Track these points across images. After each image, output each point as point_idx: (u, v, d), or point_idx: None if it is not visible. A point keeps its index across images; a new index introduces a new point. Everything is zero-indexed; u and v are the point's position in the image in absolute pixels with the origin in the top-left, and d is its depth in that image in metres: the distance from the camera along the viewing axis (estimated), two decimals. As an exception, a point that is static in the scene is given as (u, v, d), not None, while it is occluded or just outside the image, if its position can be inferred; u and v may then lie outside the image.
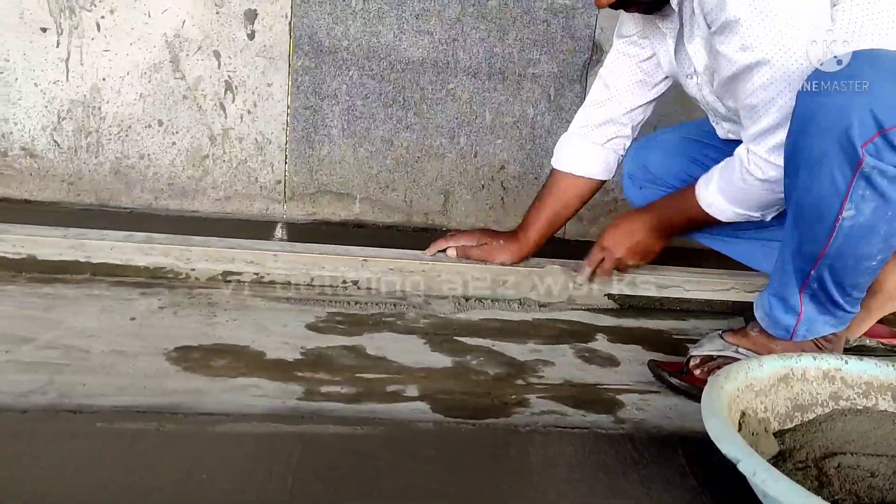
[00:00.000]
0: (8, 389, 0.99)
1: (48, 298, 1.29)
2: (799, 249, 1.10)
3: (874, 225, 1.01)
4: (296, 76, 1.80)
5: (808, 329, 1.15)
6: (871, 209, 0.99)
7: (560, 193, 1.53)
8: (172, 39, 1.72)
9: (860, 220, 1.01)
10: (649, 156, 1.43)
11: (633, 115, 1.48)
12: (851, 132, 0.96)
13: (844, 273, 1.08)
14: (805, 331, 1.15)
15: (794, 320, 1.15)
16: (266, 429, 0.95)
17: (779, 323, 1.17)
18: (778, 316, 1.16)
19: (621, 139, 1.50)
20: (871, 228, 1.01)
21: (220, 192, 1.85)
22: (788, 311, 1.15)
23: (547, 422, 1.06)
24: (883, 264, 1.07)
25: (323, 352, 1.21)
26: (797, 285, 1.13)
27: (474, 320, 1.42)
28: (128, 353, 1.13)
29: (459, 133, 1.90)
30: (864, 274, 1.08)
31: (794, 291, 1.13)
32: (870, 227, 1.01)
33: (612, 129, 1.49)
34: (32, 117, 1.73)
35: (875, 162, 0.96)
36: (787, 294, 1.15)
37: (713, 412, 0.81)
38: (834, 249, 1.05)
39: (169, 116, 1.77)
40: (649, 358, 1.29)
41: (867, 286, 1.12)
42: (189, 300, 1.35)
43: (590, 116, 1.50)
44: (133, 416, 0.94)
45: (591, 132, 1.50)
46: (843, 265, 1.07)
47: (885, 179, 0.97)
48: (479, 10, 1.81)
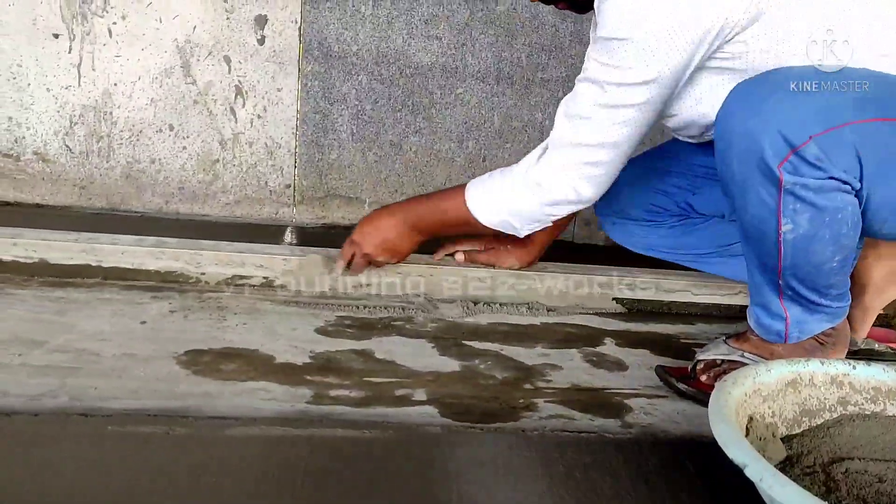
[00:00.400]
0: (20, 392, 1.00)
1: (60, 302, 1.30)
2: (760, 264, 1.12)
3: (816, 233, 1.03)
4: (305, 81, 1.81)
5: (801, 329, 1.15)
6: (806, 220, 1.02)
7: None
8: (183, 45, 1.73)
9: (800, 232, 1.03)
10: (617, 191, 1.44)
11: None
12: (766, 156, 0.99)
13: (810, 278, 1.09)
14: (798, 332, 1.16)
15: (782, 325, 1.16)
16: (275, 432, 0.96)
17: (769, 329, 1.17)
18: (766, 323, 1.17)
19: None
20: (815, 237, 1.03)
21: (231, 197, 1.86)
22: (775, 318, 1.16)
23: (555, 426, 1.06)
24: (846, 263, 1.08)
25: (332, 355, 1.22)
26: (774, 294, 1.14)
27: (482, 324, 1.42)
28: (139, 357, 1.14)
29: (468, 138, 1.91)
30: (830, 275, 1.09)
31: (773, 299, 1.14)
32: (812, 235, 1.03)
33: None
34: (45, 122, 1.75)
35: (795, 178, 0.99)
36: (767, 303, 1.15)
37: (721, 417, 0.81)
38: (788, 261, 1.07)
39: (180, 121, 1.78)
40: (657, 362, 1.29)
41: (844, 283, 1.13)
42: (199, 304, 1.36)
43: None
44: (144, 420, 0.95)
45: None
46: (805, 272, 1.08)
47: (810, 191, 0.99)
48: (487, 15, 1.81)
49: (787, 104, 0.99)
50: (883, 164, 0.99)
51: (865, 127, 0.98)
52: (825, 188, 0.99)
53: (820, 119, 0.97)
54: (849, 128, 0.97)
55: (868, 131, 0.98)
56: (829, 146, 0.97)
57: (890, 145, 0.99)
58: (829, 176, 0.99)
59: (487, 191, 1.31)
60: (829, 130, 0.97)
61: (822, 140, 0.97)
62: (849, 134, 0.97)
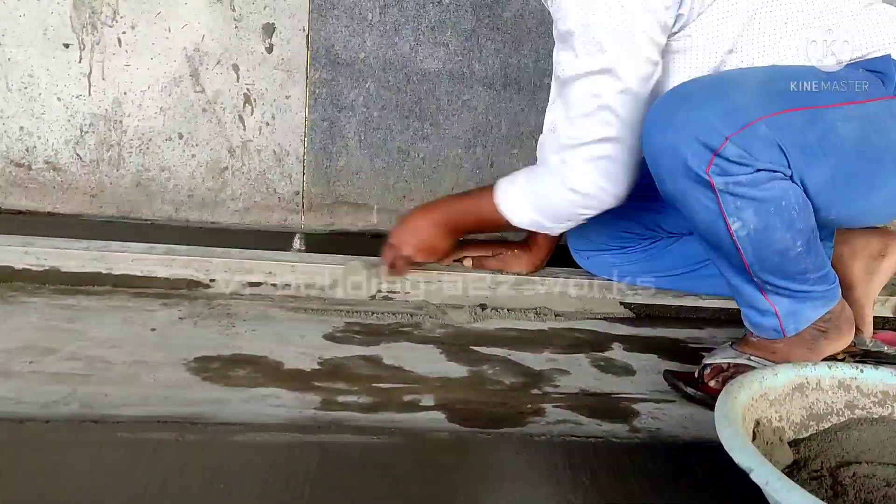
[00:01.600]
0: (32, 399, 1.01)
1: (71, 310, 1.32)
2: (730, 266, 1.14)
3: (766, 223, 1.04)
4: (313, 88, 1.82)
5: (796, 319, 1.16)
6: (752, 214, 1.04)
7: None
8: (192, 54, 1.75)
9: (751, 226, 1.05)
10: (582, 228, 1.43)
11: None
12: (691, 165, 1.02)
13: (780, 268, 1.10)
14: (793, 322, 1.16)
15: (775, 320, 1.16)
16: (284, 438, 0.97)
17: (764, 327, 1.17)
18: (759, 322, 1.17)
19: None
20: (767, 227, 1.05)
21: (239, 204, 1.87)
22: (766, 315, 1.16)
23: (562, 431, 1.06)
24: (811, 245, 1.09)
25: (340, 362, 1.23)
26: (756, 291, 1.14)
27: (490, 330, 1.43)
28: (149, 364, 1.15)
29: (476, 143, 1.91)
30: (799, 261, 1.09)
31: (757, 297, 1.15)
32: (764, 227, 1.05)
33: None
34: (55, 131, 1.76)
35: (725, 178, 1.02)
36: (753, 302, 1.16)
37: (727, 422, 0.82)
38: (751, 258, 1.09)
39: (189, 129, 1.80)
40: (665, 367, 1.29)
41: (818, 265, 1.13)
42: (208, 311, 1.37)
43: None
44: (155, 427, 0.96)
45: None
46: (773, 263, 1.09)
47: (744, 186, 1.02)
48: (494, 21, 1.82)
49: (697, 112, 1.02)
50: (805, 151, 1.03)
51: (777, 119, 1.02)
52: (758, 180, 1.02)
53: (731, 120, 1.01)
54: (762, 122, 1.01)
55: (780, 123, 1.02)
56: (747, 143, 1.00)
57: (806, 133, 1.03)
58: (756, 169, 1.01)
59: (517, 191, 1.33)
60: (744, 129, 1.00)
61: (739, 139, 1.00)
62: (763, 128, 1.01)
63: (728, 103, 1.02)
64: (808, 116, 1.04)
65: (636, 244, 1.55)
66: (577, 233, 1.53)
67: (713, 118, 1.01)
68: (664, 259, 1.55)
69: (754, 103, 1.02)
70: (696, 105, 1.04)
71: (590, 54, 1.15)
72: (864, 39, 1.13)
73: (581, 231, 1.51)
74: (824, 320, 1.16)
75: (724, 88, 1.05)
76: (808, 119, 1.04)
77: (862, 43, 1.13)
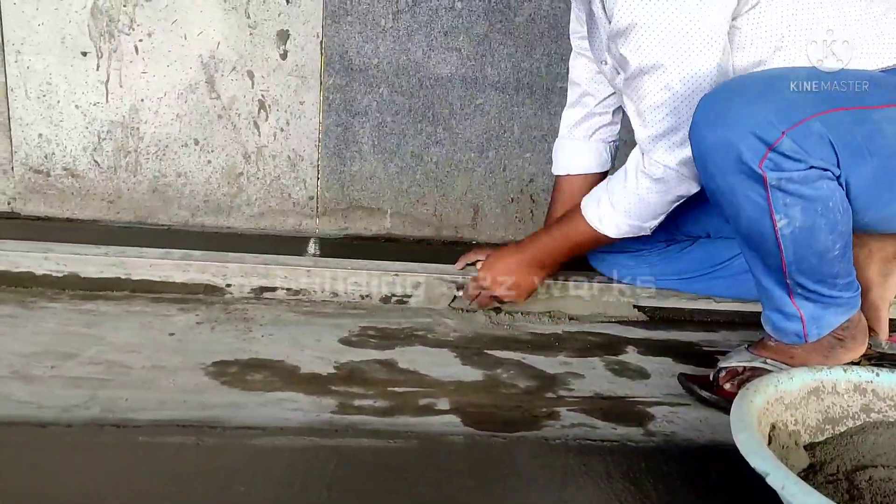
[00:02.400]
0: (54, 404, 1.03)
1: (90, 315, 1.33)
2: (764, 267, 1.14)
3: (813, 223, 1.05)
4: (327, 94, 1.83)
5: (819, 325, 1.15)
6: (799, 211, 1.04)
7: (566, 198, 1.55)
8: (208, 61, 1.76)
9: (797, 224, 1.05)
10: None
11: (607, 103, 1.54)
12: (745, 158, 1.02)
13: (816, 270, 1.10)
14: (816, 328, 1.16)
15: (799, 325, 1.16)
16: (301, 442, 0.98)
17: (787, 332, 1.17)
18: (783, 327, 1.17)
19: (606, 128, 1.56)
20: (812, 227, 1.05)
21: (255, 209, 1.89)
22: (791, 319, 1.16)
23: (577, 435, 1.07)
24: (847, 249, 1.10)
25: (356, 366, 1.24)
26: (785, 295, 1.14)
27: (504, 333, 1.43)
28: (167, 368, 1.16)
29: (488, 147, 1.92)
30: (834, 263, 1.10)
31: (786, 301, 1.15)
32: (809, 226, 1.05)
33: (593, 122, 1.55)
34: (74, 138, 1.78)
35: (779, 174, 1.02)
36: (781, 306, 1.16)
37: (743, 426, 0.82)
38: (791, 257, 1.09)
39: (205, 135, 1.82)
40: (679, 370, 1.29)
41: (848, 270, 1.13)
42: (225, 315, 1.38)
43: (570, 117, 1.58)
44: (174, 430, 0.97)
45: (575, 130, 1.56)
46: (810, 265, 1.09)
47: (796, 183, 1.02)
48: (506, 26, 1.83)
49: (751, 107, 1.03)
50: (853, 150, 1.03)
51: (829, 117, 1.02)
52: (809, 178, 1.02)
53: (785, 116, 1.01)
54: (816, 119, 1.01)
55: (832, 121, 1.02)
56: (802, 138, 1.00)
57: (854, 132, 1.03)
58: (809, 166, 1.02)
59: (606, 205, 1.32)
60: (799, 124, 1.00)
61: (794, 133, 1.00)
62: (817, 125, 1.01)
63: (783, 99, 1.03)
64: (856, 116, 1.04)
65: (651, 247, 1.55)
66: None
67: (768, 113, 1.01)
68: (678, 261, 1.55)
69: (807, 100, 1.03)
70: (751, 100, 1.03)
71: (652, 47, 1.15)
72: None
73: None
74: (843, 328, 1.16)
75: (776, 84, 1.05)
76: (856, 118, 1.04)
77: None
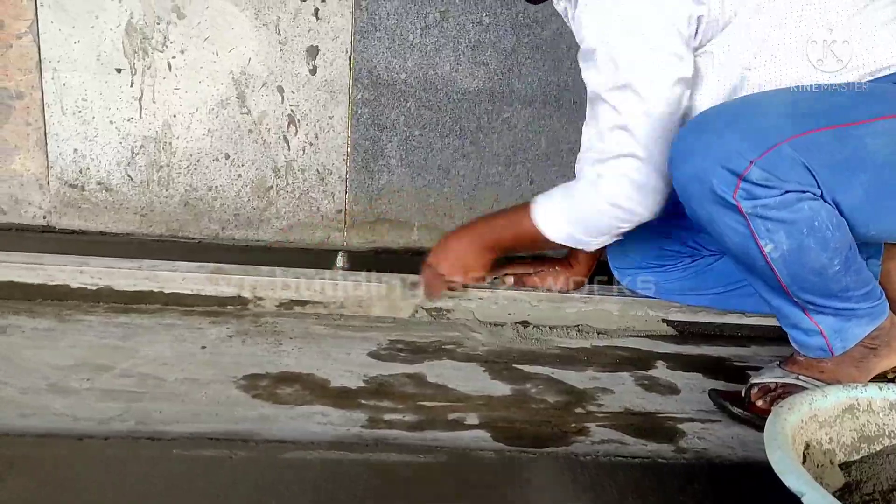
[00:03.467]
0: (91, 416, 1.05)
1: (124, 328, 1.35)
2: (768, 288, 1.13)
3: (801, 244, 1.03)
4: (355, 108, 1.85)
5: (843, 338, 1.14)
6: (784, 236, 1.03)
7: None
8: (239, 76, 1.79)
9: (784, 248, 1.04)
10: (623, 246, 1.46)
11: None
12: (717, 190, 1.03)
13: (819, 287, 1.09)
14: (840, 341, 1.14)
15: (821, 339, 1.14)
16: (332, 456, 0.99)
17: (811, 347, 1.16)
18: (805, 342, 1.16)
19: None
20: (801, 248, 1.04)
21: (284, 222, 1.91)
22: (811, 335, 1.15)
23: (607, 451, 1.06)
24: (851, 262, 1.07)
25: (385, 380, 1.24)
26: (799, 311, 1.13)
27: (533, 347, 1.43)
28: (200, 381, 1.18)
29: (515, 161, 1.93)
30: (839, 279, 1.08)
31: (801, 317, 1.14)
32: (798, 247, 1.04)
33: None
34: (108, 153, 1.82)
35: (753, 202, 1.01)
36: (797, 322, 1.15)
37: (777, 444, 0.81)
38: (787, 278, 1.08)
39: (235, 150, 1.84)
40: (710, 386, 1.28)
41: (861, 282, 1.11)
42: (256, 328, 1.40)
43: None
44: (207, 444, 0.99)
45: None
46: (811, 283, 1.08)
47: (773, 209, 1.01)
48: (533, 40, 1.83)
49: (720, 138, 1.03)
50: (834, 169, 1.02)
51: (800, 141, 1.00)
52: (787, 202, 1.01)
53: (754, 144, 1.00)
54: (786, 145, 1.00)
55: (804, 144, 1.01)
56: (772, 166, 1.00)
57: (833, 151, 1.02)
58: (784, 191, 1.01)
59: (553, 205, 1.33)
60: (767, 152, 1.00)
61: (763, 162, 1.00)
62: (788, 150, 1.00)
63: (750, 127, 1.02)
64: (835, 134, 1.03)
65: (677, 262, 1.54)
66: (618, 251, 1.53)
67: (736, 143, 1.01)
68: (706, 277, 1.53)
69: (777, 126, 1.02)
70: (719, 131, 1.04)
71: (610, 71, 1.18)
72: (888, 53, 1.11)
73: (622, 249, 1.51)
74: (872, 337, 1.15)
75: (745, 113, 1.05)
76: (834, 137, 1.03)
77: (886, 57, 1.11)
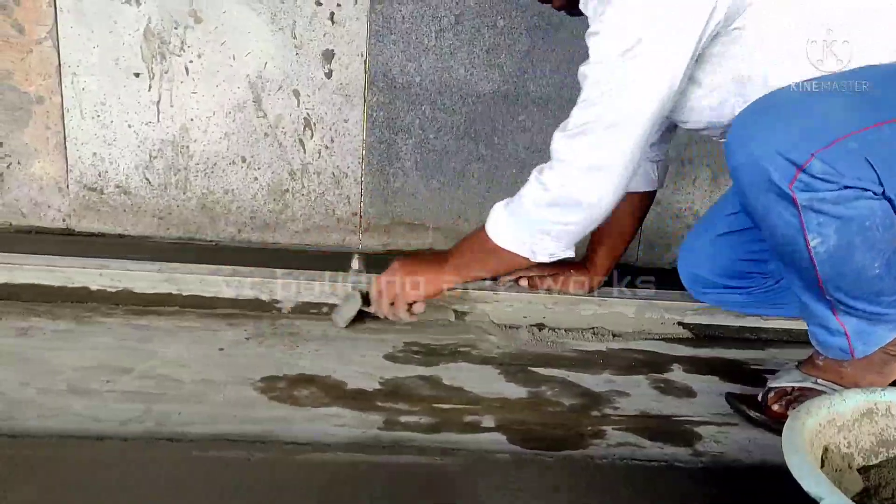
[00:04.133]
0: (110, 417, 1.06)
1: (143, 330, 1.37)
2: (803, 283, 1.11)
3: (849, 242, 1.01)
4: (371, 112, 1.86)
5: (865, 341, 1.13)
6: (833, 231, 1.01)
7: (612, 217, 1.53)
8: (255, 80, 1.80)
9: (831, 244, 1.02)
10: (696, 267, 1.42)
11: None
12: (774, 179, 1.00)
13: (855, 287, 1.07)
14: (862, 344, 1.13)
15: (843, 340, 1.13)
16: (348, 458, 0.99)
17: (832, 347, 1.15)
18: (828, 342, 1.15)
19: (652, 147, 1.48)
20: (848, 245, 1.02)
21: (300, 225, 1.92)
22: (835, 335, 1.14)
23: (624, 454, 1.06)
24: (891, 267, 1.05)
25: (401, 382, 1.25)
26: (827, 310, 1.12)
27: (548, 350, 1.43)
28: (217, 383, 1.19)
29: (530, 163, 1.91)
30: (875, 282, 1.06)
31: (828, 316, 1.13)
32: (845, 245, 1.02)
33: None
34: (126, 157, 1.83)
35: (809, 195, 0.99)
36: (824, 321, 1.14)
37: (794, 448, 0.81)
38: (827, 275, 1.06)
39: (252, 153, 1.85)
40: (726, 389, 1.28)
41: (895, 287, 1.09)
42: (272, 330, 1.41)
43: None
44: (225, 445, 0.99)
45: None
46: (847, 283, 1.06)
47: (829, 203, 0.99)
48: (548, 43, 1.84)
49: (781, 126, 1.00)
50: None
51: (867, 134, 0.98)
52: (844, 198, 0.99)
53: (818, 135, 0.98)
54: (851, 138, 0.97)
55: (871, 138, 0.98)
56: (834, 159, 0.97)
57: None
58: (843, 186, 0.98)
59: (503, 211, 1.32)
60: (831, 145, 0.97)
61: (825, 155, 0.97)
62: (852, 144, 0.97)
63: (814, 118, 1.00)
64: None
65: (757, 283, 1.44)
66: (690, 272, 1.45)
67: (799, 133, 0.98)
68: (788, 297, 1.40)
69: (842, 118, 0.99)
70: (781, 119, 1.01)
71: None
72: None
73: (694, 270, 1.45)
74: (894, 343, 1.14)
75: (810, 102, 1.03)
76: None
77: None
